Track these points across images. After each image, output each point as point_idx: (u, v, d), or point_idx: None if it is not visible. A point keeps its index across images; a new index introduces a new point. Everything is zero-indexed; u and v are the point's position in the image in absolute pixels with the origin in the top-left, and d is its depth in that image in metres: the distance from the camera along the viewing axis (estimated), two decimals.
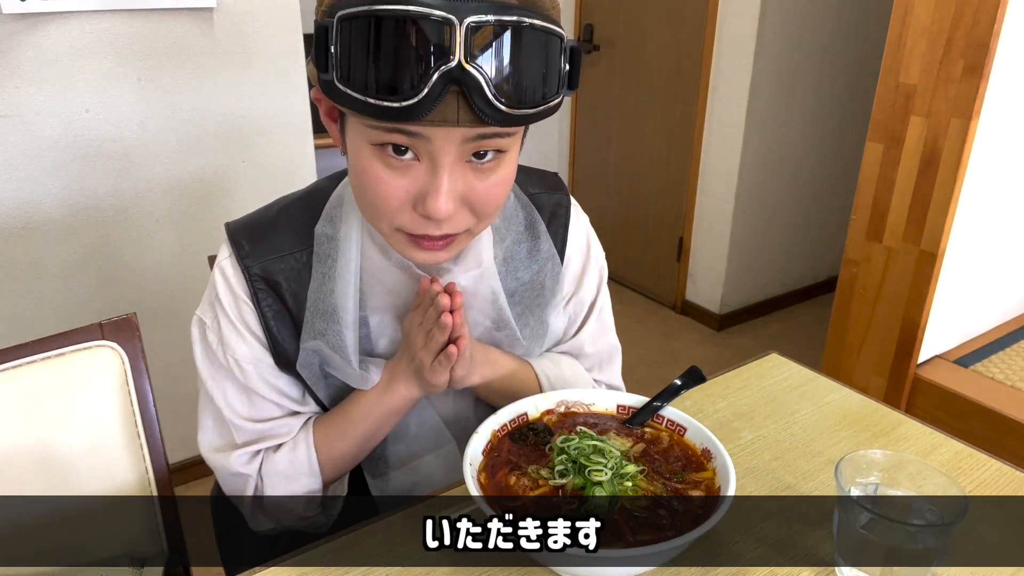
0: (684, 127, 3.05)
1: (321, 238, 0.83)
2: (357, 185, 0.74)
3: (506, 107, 0.64)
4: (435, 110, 0.63)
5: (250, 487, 0.88)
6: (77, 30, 1.61)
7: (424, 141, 0.66)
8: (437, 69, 0.61)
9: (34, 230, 1.70)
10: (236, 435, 0.87)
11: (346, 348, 0.84)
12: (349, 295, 0.83)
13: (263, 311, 0.83)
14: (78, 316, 1.79)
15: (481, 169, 0.70)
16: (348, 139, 0.72)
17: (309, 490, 0.88)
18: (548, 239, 0.92)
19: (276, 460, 0.87)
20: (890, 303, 1.86)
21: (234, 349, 0.84)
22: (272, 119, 1.92)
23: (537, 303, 0.92)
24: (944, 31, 1.62)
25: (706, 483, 0.75)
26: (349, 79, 0.63)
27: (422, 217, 0.70)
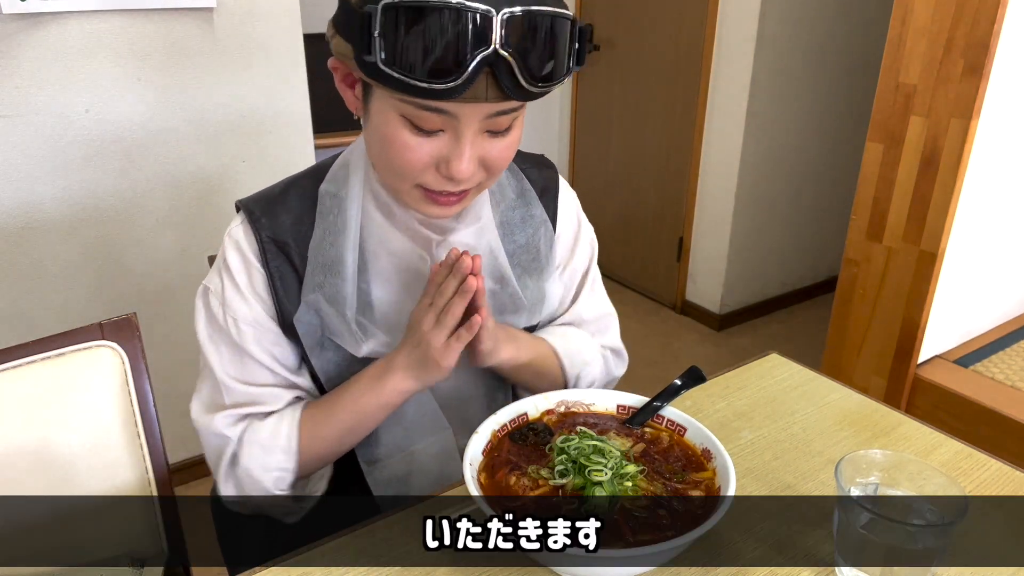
0: (684, 127, 3.05)
1: (324, 196, 0.88)
2: (381, 150, 0.78)
3: (530, 85, 0.71)
4: (469, 89, 0.69)
5: (228, 451, 0.87)
6: (77, 30, 1.61)
7: (452, 117, 0.73)
8: (477, 55, 0.67)
9: (34, 230, 1.70)
10: (225, 395, 0.88)
11: (343, 301, 0.86)
12: (348, 249, 0.86)
13: (271, 272, 0.86)
14: (78, 316, 1.79)
15: (496, 134, 0.78)
16: (374, 107, 0.77)
17: (280, 467, 0.87)
18: (540, 206, 0.97)
19: (259, 428, 0.87)
20: (890, 303, 1.86)
21: (235, 309, 0.86)
22: (272, 119, 1.92)
23: (534, 267, 0.96)
24: (944, 31, 1.62)
25: (706, 483, 0.75)
26: (395, 62, 0.68)
27: (444, 177, 0.77)
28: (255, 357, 0.87)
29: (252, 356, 0.87)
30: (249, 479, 0.87)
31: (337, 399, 0.88)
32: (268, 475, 0.87)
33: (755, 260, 3.12)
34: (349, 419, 0.88)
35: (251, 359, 0.88)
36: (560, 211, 1.00)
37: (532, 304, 0.95)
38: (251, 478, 0.87)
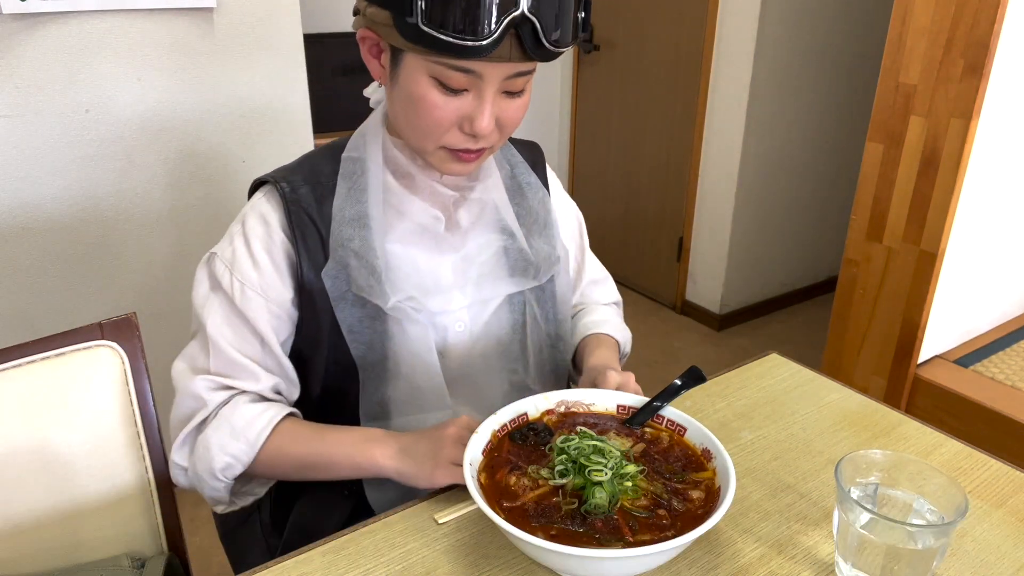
0: (684, 127, 3.05)
1: (347, 161, 0.94)
2: (410, 110, 0.85)
3: (550, 46, 0.80)
4: (496, 49, 0.77)
5: (200, 415, 0.89)
6: (77, 30, 1.61)
7: (477, 77, 0.81)
8: (506, 16, 0.76)
9: (34, 230, 1.70)
10: (212, 355, 0.89)
11: (372, 252, 0.90)
12: (373, 204, 0.91)
13: (295, 233, 0.89)
14: (78, 316, 1.79)
15: (511, 94, 0.85)
16: (404, 71, 0.83)
17: (236, 456, 0.87)
18: (533, 175, 1.05)
19: (236, 410, 0.88)
20: (890, 303, 1.86)
21: (244, 274, 0.89)
22: (272, 119, 1.92)
23: (535, 228, 1.02)
24: (944, 31, 1.62)
25: (706, 483, 0.75)
26: (434, 22, 0.76)
27: (467, 135, 0.85)
28: (252, 324, 0.89)
29: (249, 322, 0.89)
30: (204, 451, 0.87)
31: (320, 432, 0.90)
32: (222, 457, 0.87)
33: (755, 260, 3.12)
34: (318, 456, 0.88)
35: (247, 325, 0.90)
36: (550, 184, 1.09)
37: (539, 262, 1.01)
38: (207, 451, 0.87)
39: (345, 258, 0.90)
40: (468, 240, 0.97)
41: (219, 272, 0.90)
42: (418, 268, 0.95)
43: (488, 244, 0.99)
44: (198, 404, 0.89)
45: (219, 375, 0.89)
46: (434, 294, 0.95)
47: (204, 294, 0.91)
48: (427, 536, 0.78)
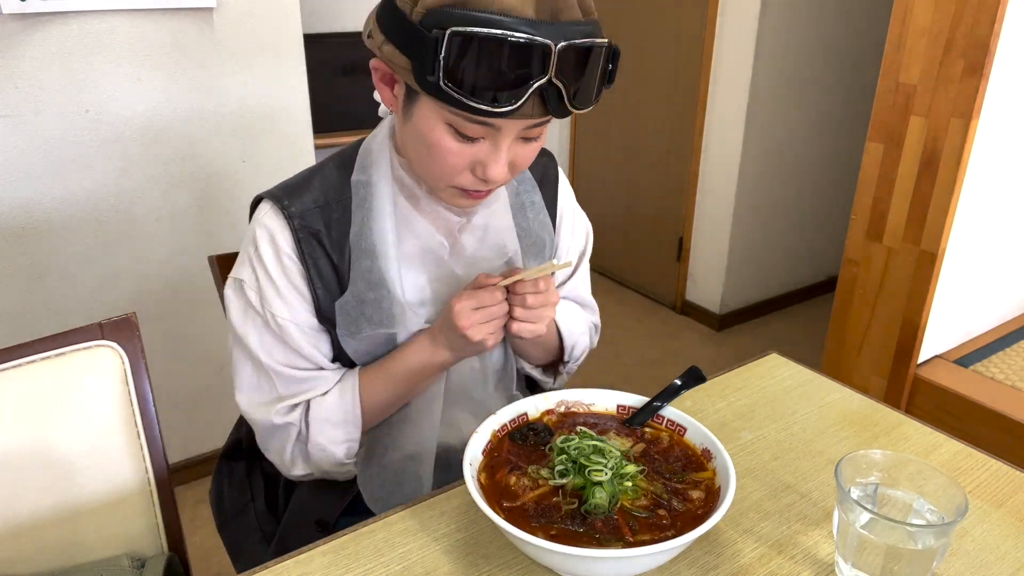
0: (684, 127, 3.05)
1: (357, 186, 0.92)
2: (422, 153, 0.84)
3: (572, 107, 0.78)
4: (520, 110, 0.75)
5: (293, 435, 0.93)
6: (77, 30, 1.61)
7: (495, 128, 0.79)
8: (534, 83, 0.73)
9: (34, 230, 1.70)
10: (277, 383, 0.92)
11: (391, 282, 0.90)
12: (387, 232, 0.91)
13: (307, 263, 0.89)
14: (78, 316, 1.79)
15: (526, 138, 0.84)
16: (419, 113, 0.81)
17: (350, 437, 0.93)
18: (539, 193, 1.04)
19: (325, 406, 0.92)
20: (890, 303, 1.86)
21: (272, 305, 0.90)
22: (272, 119, 1.92)
23: (532, 251, 1.02)
24: (944, 31, 1.62)
25: (706, 483, 0.75)
26: (459, 84, 0.73)
27: (479, 179, 0.84)
28: (299, 349, 0.91)
29: (295, 347, 0.91)
30: (323, 453, 0.93)
31: (389, 370, 0.93)
32: (340, 447, 0.93)
33: (755, 260, 3.12)
34: (402, 387, 0.93)
35: (294, 350, 0.91)
36: (560, 199, 1.07)
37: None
38: (324, 452, 0.93)
39: (363, 292, 0.90)
40: (471, 268, 0.96)
41: (251, 298, 0.91)
42: (422, 288, 0.96)
43: (491, 265, 0.98)
44: (285, 431, 0.93)
45: (290, 397, 0.92)
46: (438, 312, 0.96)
47: (239, 319, 0.92)
48: (427, 536, 0.78)
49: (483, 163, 0.82)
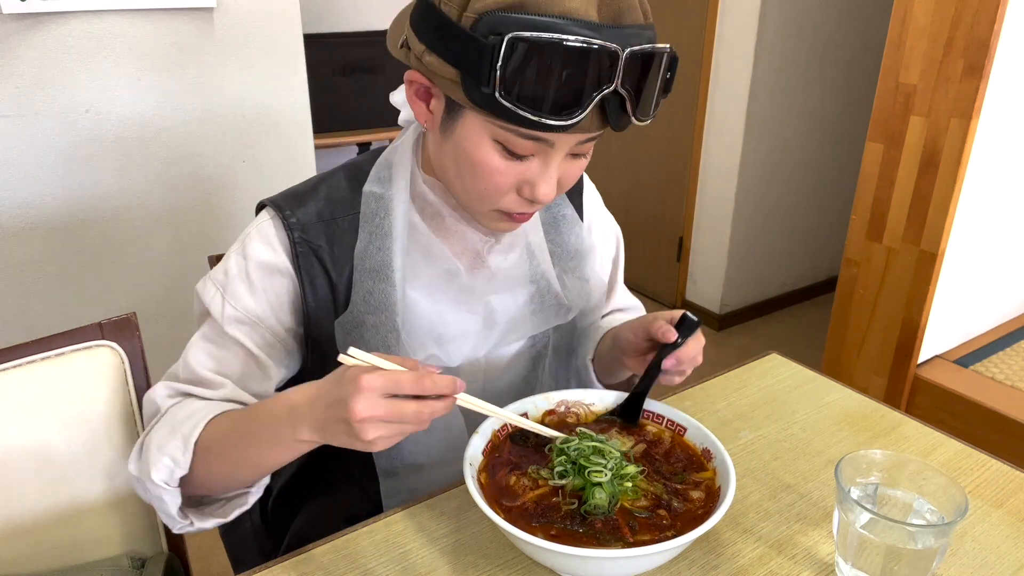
0: (684, 127, 3.05)
1: (369, 198, 0.85)
2: (465, 173, 0.77)
3: (636, 119, 0.72)
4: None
5: (153, 422, 0.80)
6: (77, 30, 1.61)
7: (547, 144, 0.73)
8: (598, 94, 0.67)
9: (34, 230, 1.70)
10: (181, 370, 0.83)
11: (392, 308, 0.83)
12: (395, 252, 0.83)
13: (302, 279, 0.82)
14: (78, 316, 1.79)
15: (575, 155, 0.77)
16: (462, 130, 0.74)
17: (174, 456, 0.74)
18: (570, 206, 0.97)
19: (182, 407, 0.79)
20: (890, 303, 1.86)
21: (237, 297, 0.82)
22: (272, 119, 1.92)
23: (571, 266, 0.96)
24: (944, 31, 1.62)
25: (706, 483, 0.75)
26: (515, 95, 0.66)
27: (525, 199, 0.77)
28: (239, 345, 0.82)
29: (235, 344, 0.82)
30: (146, 455, 0.76)
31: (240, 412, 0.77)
32: (159, 457, 0.75)
33: (755, 260, 3.12)
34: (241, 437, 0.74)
35: (231, 348, 0.82)
36: (586, 203, 1.01)
37: (571, 302, 0.95)
38: (148, 454, 0.76)
39: (362, 315, 0.83)
40: (497, 289, 0.90)
41: (209, 295, 0.83)
42: (442, 319, 0.88)
43: (520, 291, 0.92)
44: (153, 410, 0.82)
45: (184, 383, 0.83)
46: (457, 343, 0.90)
47: (198, 313, 0.86)
48: (427, 536, 0.78)
49: (532, 182, 0.75)
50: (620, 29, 0.67)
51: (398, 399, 0.64)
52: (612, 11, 0.67)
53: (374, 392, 0.63)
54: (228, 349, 0.83)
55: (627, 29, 0.68)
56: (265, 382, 0.85)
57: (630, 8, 0.69)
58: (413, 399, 0.64)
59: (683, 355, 0.83)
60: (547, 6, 0.65)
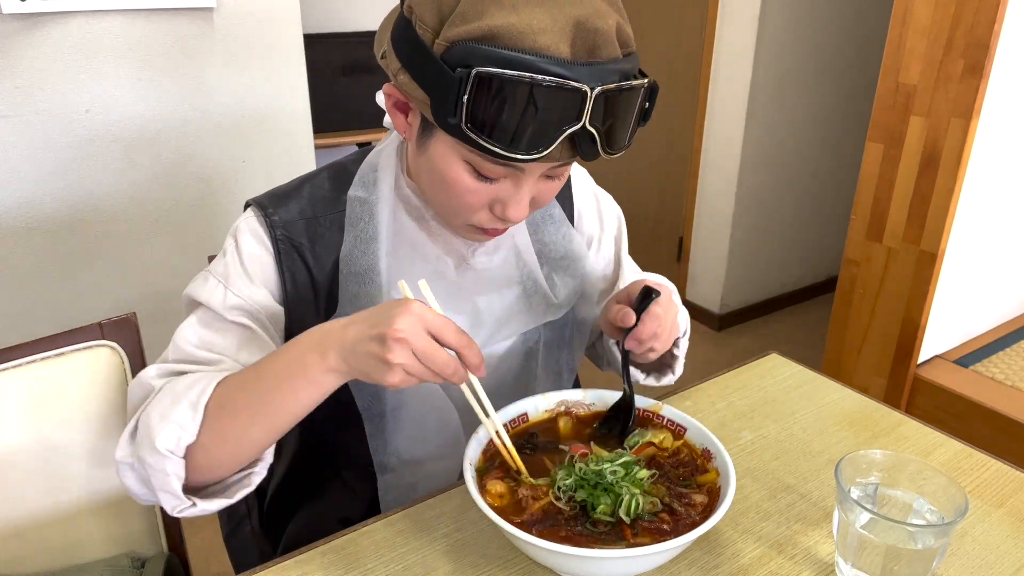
0: (684, 127, 3.05)
1: (354, 202, 0.85)
2: (439, 187, 0.77)
3: (605, 152, 0.71)
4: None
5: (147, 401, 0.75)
6: (77, 30, 1.61)
7: (518, 170, 0.72)
8: (567, 130, 0.67)
9: (34, 230, 1.70)
10: (171, 352, 0.80)
11: None
12: (381, 257, 0.83)
13: (283, 271, 0.83)
14: (78, 316, 1.79)
15: (550, 176, 0.77)
16: (435, 148, 0.74)
17: (181, 421, 0.70)
18: (557, 204, 0.96)
19: (182, 379, 0.75)
20: (890, 303, 1.86)
21: (240, 288, 0.81)
22: (272, 119, 1.92)
23: (562, 264, 0.95)
24: (944, 31, 1.62)
25: (708, 486, 0.75)
26: (482, 129, 0.67)
27: (498, 217, 0.77)
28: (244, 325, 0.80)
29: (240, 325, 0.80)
30: (146, 428, 0.71)
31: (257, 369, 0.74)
32: (164, 425, 0.70)
33: (755, 260, 3.12)
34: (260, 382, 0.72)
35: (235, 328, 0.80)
36: (575, 193, 1.00)
37: (563, 300, 0.95)
38: (148, 428, 0.71)
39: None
40: (485, 288, 0.90)
41: (210, 289, 0.81)
42: None
43: (507, 291, 0.92)
44: (143, 392, 0.77)
45: (176, 363, 0.80)
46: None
47: (187, 307, 0.84)
48: (427, 536, 0.78)
49: (503, 202, 0.75)
50: (593, 66, 0.66)
51: (435, 345, 0.65)
52: (586, 46, 0.66)
53: (421, 321, 0.65)
54: (226, 332, 0.81)
55: (601, 65, 0.67)
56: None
57: (606, 43, 0.67)
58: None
59: (640, 334, 0.82)
60: (518, 40, 0.64)
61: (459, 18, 0.65)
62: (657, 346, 0.84)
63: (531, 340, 0.97)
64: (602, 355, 1.08)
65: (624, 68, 0.68)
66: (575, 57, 0.65)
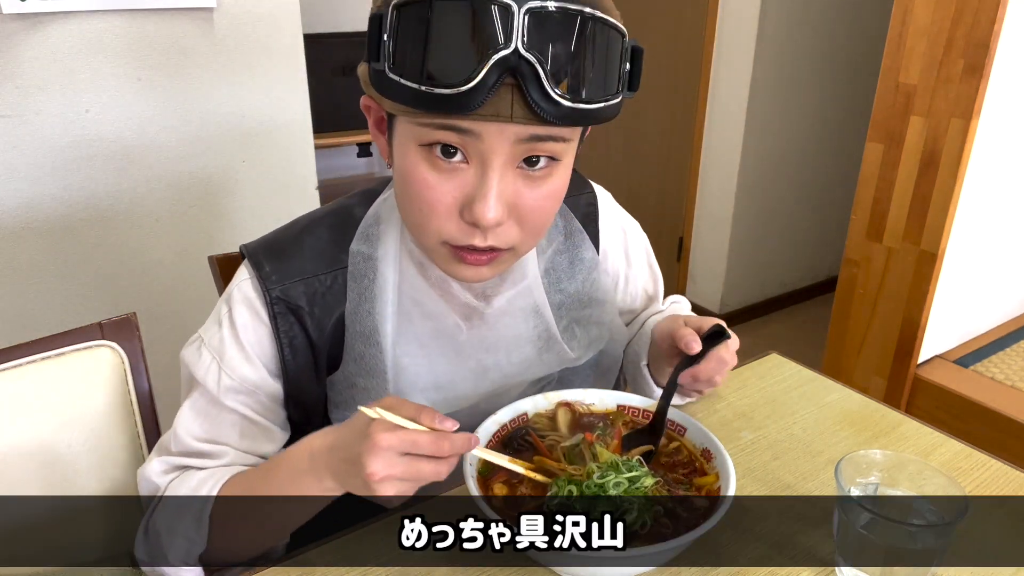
0: (684, 127, 3.05)
1: (357, 257, 0.80)
2: (402, 192, 0.71)
3: (563, 99, 0.61)
4: (488, 102, 0.60)
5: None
6: (77, 30, 1.61)
7: (475, 139, 0.64)
8: (493, 55, 0.58)
9: (34, 230, 1.70)
10: (173, 444, 0.79)
11: (383, 374, 0.80)
12: (387, 316, 0.79)
13: (280, 338, 0.78)
14: (78, 316, 1.79)
15: (532, 177, 0.68)
16: (396, 143, 0.69)
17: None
18: (590, 246, 0.90)
19: (184, 481, 0.76)
20: (890, 303, 1.86)
21: (235, 369, 0.78)
22: (272, 119, 1.92)
23: (584, 314, 0.89)
24: (944, 31, 1.62)
25: (708, 487, 0.75)
26: (402, 66, 0.60)
27: (468, 224, 0.68)
28: (235, 413, 0.79)
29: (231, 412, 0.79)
30: (156, 537, 0.74)
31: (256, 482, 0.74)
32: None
33: (755, 260, 3.12)
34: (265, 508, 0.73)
35: (226, 416, 0.79)
36: (602, 228, 0.95)
37: (583, 350, 0.90)
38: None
39: (354, 377, 0.80)
40: (493, 347, 0.84)
41: (204, 365, 0.78)
42: (435, 380, 0.83)
43: (516, 351, 0.86)
44: (151, 489, 0.78)
45: (179, 456, 0.79)
46: (455, 393, 0.85)
47: (186, 380, 0.81)
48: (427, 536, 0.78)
49: (471, 198, 0.66)
50: None
51: (415, 458, 0.63)
52: None
53: (391, 451, 0.62)
54: (224, 420, 0.79)
55: None
56: (269, 444, 0.82)
57: None
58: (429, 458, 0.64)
59: (700, 372, 0.79)
60: None
61: None
62: (706, 391, 0.83)
63: (544, 380, 0.92)
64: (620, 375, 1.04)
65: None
66: None
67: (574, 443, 0.79)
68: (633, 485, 0.72)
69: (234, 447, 0.80)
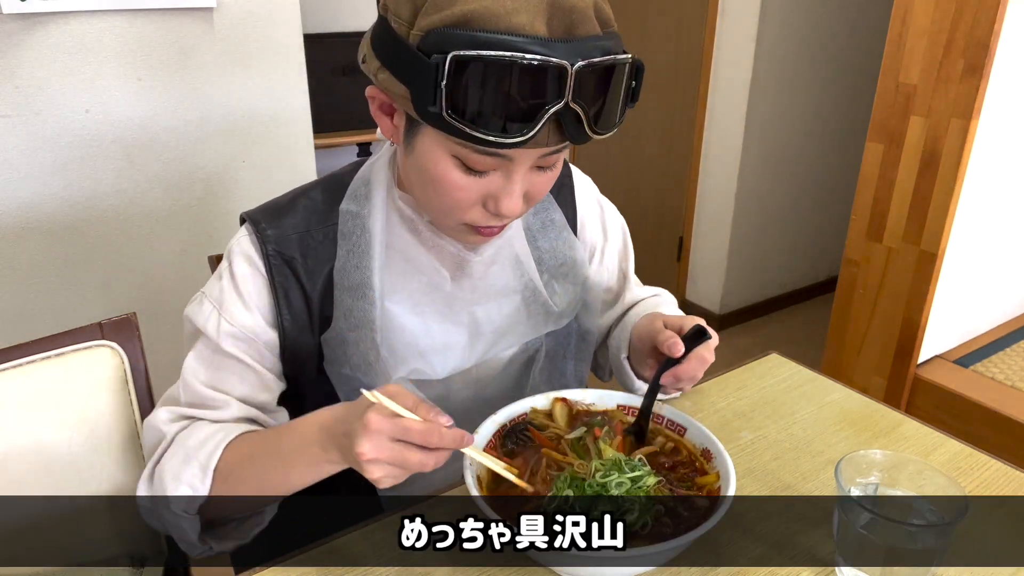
0: (684, 127, 3.05)
1: (346, 215, 0.85)
2: (427, 188, 0.76)
3: (592, 132, 0.70)
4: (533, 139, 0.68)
5: (160, 448, 0.81)
6: (77, 30, 1.61)
7: (507, 159, 0.71)
8: (549, 109, 0.66)
9: (34, 230, 1.70)
10: (182, 392, 0.83)
11: (371, 325, 0.83)
12: (374, 271, 0.83)
13: (276, 287, 0.83)
14: (78, 316, 1.79)
15: (542, 167, 0.76)
16: (421, 145, 0.74)
17: (192, 484, 0.77)
18: (558, 209, 0.95)
19: (192, 432, 0.80)
20: (890, 303, 1.86)
21: (233, 316, 0.82)
22: (272, 119, 1.92)
23: (561, 271, 0.94)
24: (944, 31, 1.62)
25: (708, 487, 0.75)
26: (462, 114, 0.66)
27: (491, 214, 0.76)
28: (237, 360, 0.83)
29: (233, 360, 0.83)
30: (161, 483, 0.78)
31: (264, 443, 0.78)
32: (177, 486, 0.77)
33: (755, 260, 3.12)
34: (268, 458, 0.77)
35: (229, 364, 0.83)
36: (578, 200, 1.00)
37: (564, 309, 0.94)
38: (162, 483, 0.78)
39: (344, 332, 0.84)
40: (483, 298, 0.89)
41: (205, 315, 0.83)
42: (427, 332, 0.88)
43: (506, 300, 0.91)
44: (158, 437, 0.82)
45: (187, 406, 0.83)
46: (442, 356, 0.89)
47: (189, 335, 0.86)
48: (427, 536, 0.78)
49: (495, 197, 0.74)
50: (572, 43, 0.66)
51: (405, 445, 0.66)
52: (563, 24, 0.65)
53: (382, 435, 0.66)
54: (226, 366, 0.83)
55: (580, 41, 0.66)
56: (266, 393, 0.86)
57: (583, 19, 0.66)
58: (419, 448, 0.67)
59: (682, 372, 0.81)
60: (492, 22, 0.64)
61: (432, 7, 0.66)
62: (688, 387, 0.85)
63: (532, 349, 0.96)
64: (604, 365, 1.07)
65: (604, 45, 0.68)
66: (552, 35, 0.65)
67: (578, 435, 0.80)
68: (635, 485, 0.72)
69: (235, 396, 0.83)
